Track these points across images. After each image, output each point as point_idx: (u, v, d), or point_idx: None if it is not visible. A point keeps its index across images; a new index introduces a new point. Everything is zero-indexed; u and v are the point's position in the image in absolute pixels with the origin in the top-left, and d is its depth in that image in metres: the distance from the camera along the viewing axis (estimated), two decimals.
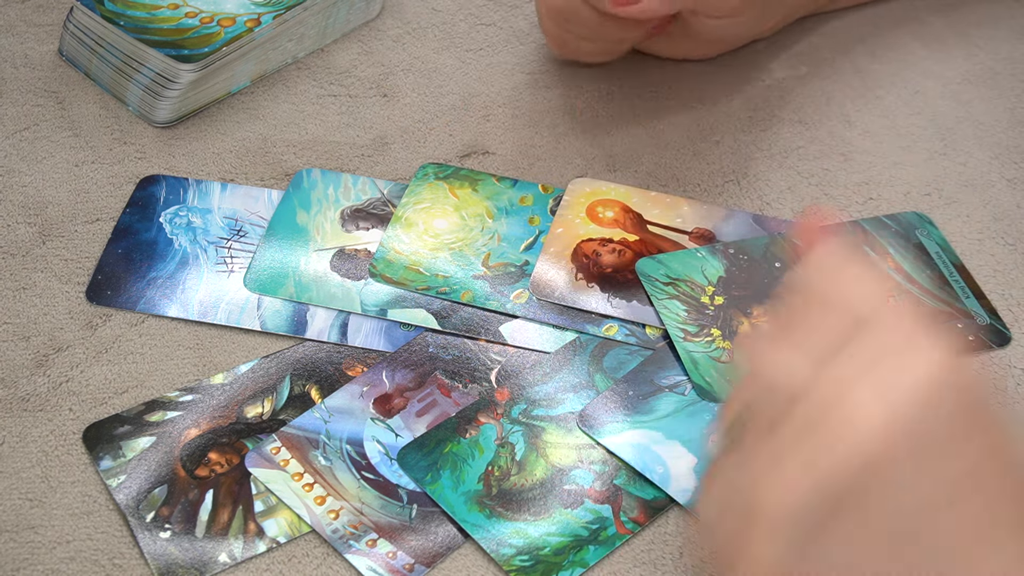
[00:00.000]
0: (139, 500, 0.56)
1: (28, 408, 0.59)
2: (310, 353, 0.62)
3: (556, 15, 0.68)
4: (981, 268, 0.66)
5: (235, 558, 0.55)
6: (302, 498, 0.56)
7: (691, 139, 0.72)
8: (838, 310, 0.43)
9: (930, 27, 0.78)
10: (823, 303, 0.43)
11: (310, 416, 0.59)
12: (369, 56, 0.75)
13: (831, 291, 0.43)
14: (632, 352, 0.62)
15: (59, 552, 0.55)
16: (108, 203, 0.67)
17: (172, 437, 0.58)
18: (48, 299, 0.63)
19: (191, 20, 0.71)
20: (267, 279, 0.64)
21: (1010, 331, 0.63)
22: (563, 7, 0.67)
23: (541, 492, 0.57)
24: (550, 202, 0.68)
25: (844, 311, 0.43)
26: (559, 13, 0.68)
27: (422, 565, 0.55)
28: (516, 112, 0.73)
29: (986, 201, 0.69)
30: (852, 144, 0.72)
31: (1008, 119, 0.73)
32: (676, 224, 0.67)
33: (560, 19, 0.68)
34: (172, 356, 0.61)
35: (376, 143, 0.71)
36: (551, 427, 0.59)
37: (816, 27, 0.78)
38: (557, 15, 0.68)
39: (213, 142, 0.70)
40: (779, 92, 0.74)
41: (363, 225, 0.66)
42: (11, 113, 0.71)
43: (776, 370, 0.43)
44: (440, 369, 0.61)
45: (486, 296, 0.63)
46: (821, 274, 0.44)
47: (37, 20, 0.76)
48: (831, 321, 0.43)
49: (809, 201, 0.69)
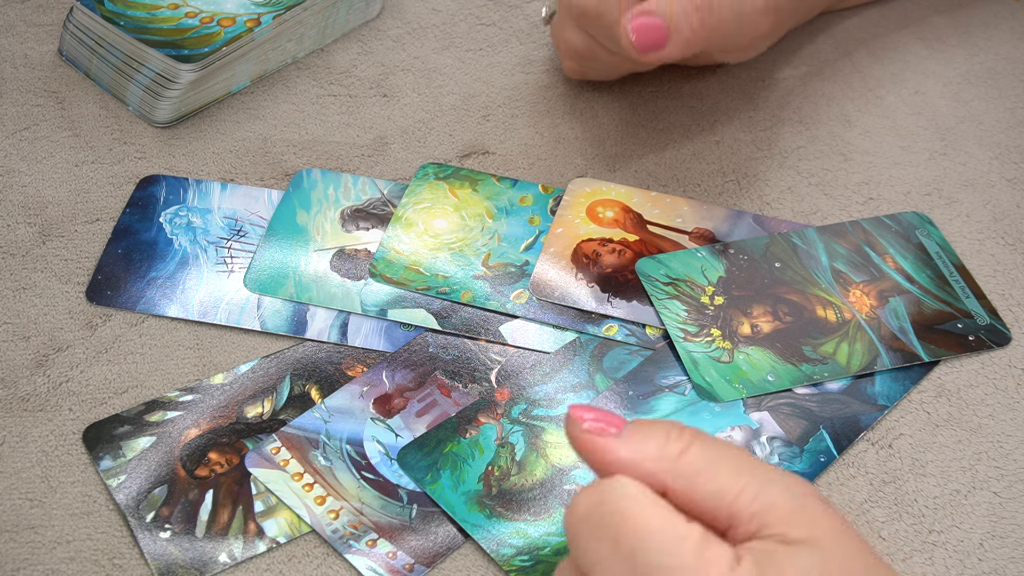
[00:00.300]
0: (139, 500, 0.56)
1: (28, 408, 0.59)
2: (310, 353, 0.62)
3: (575, 56, 0.69)
4: (981, 268, 0.66)
5: (235, 558, 0.55)
6: (302, 498, 0.56)
7: (691, 139, 0.72)
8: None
9: (931, 27, 0.78)
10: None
11: (310, 416, 0.59)
12: (369, 56, 0.75)
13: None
14: (632, 352, 0.62)
15: (59, 552, 0.55)
16: (108, 203, 0.67)
17: (172, 437, 0.58)
18: (48, 299, 0.63)
19: (191, 20, 0.71)
20: (267, 279, 0.64)
21: (1010, 331, 0.63)
22: (583, 51, 0.68)
23: (541, 492, 0.57)
24: (550, 202, 0.68)
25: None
26: (578, 54, 0.69)
27: (422, 565, 0.55)
28: (516, 112, 0.73)
29: (986, 201, 0.69)
30: (852, 144, 0.72)
31: (1008, 119, 0.73)
32: (676, 224, 0.67)
33: (579, 59, 0.69)
34: (172, 356, 0.61)
35: (376, 143, 0.71)
36: (551, 427, 0.59)
37: (816, 27, 0.78)
38: (576, 55, 0.69)
39: (213, 142, 0.70)
40: (779, 92, 0.74)
41: (363, 225, 0.66)
42: (11, 113, 0.71)
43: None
44: (440, 369, 0.61)
45: (486, 296, 0.63)
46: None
47: (37, 20, 0.76)
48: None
49: (809, 201, 0.69)
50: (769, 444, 0.59)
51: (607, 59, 0.68)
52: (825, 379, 0.61)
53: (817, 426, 0.59)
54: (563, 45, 0.69)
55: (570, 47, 0.69)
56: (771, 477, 0.45)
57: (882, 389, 0.61)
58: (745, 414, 0.59)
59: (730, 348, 0.61)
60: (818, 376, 0.61)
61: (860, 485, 0.58)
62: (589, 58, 0.68)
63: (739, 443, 0.58)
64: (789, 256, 0.65)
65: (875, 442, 0.59)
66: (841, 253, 0.65)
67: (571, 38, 0.68)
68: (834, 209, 0.68)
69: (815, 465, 0.58)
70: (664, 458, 0.45)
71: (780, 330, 0.62)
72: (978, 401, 0.61)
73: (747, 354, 0.61)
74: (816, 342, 0.62)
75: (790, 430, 0.59)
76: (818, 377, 0.61)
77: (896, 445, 0.59)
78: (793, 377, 0.61)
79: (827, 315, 0.63)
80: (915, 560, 0.56)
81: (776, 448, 0.58)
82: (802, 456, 0.58)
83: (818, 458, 0.58)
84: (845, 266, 0.65)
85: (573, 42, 0.68)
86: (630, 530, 0.43)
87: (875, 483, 0.58)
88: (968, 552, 0.56)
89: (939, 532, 0.56)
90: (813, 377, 0.61)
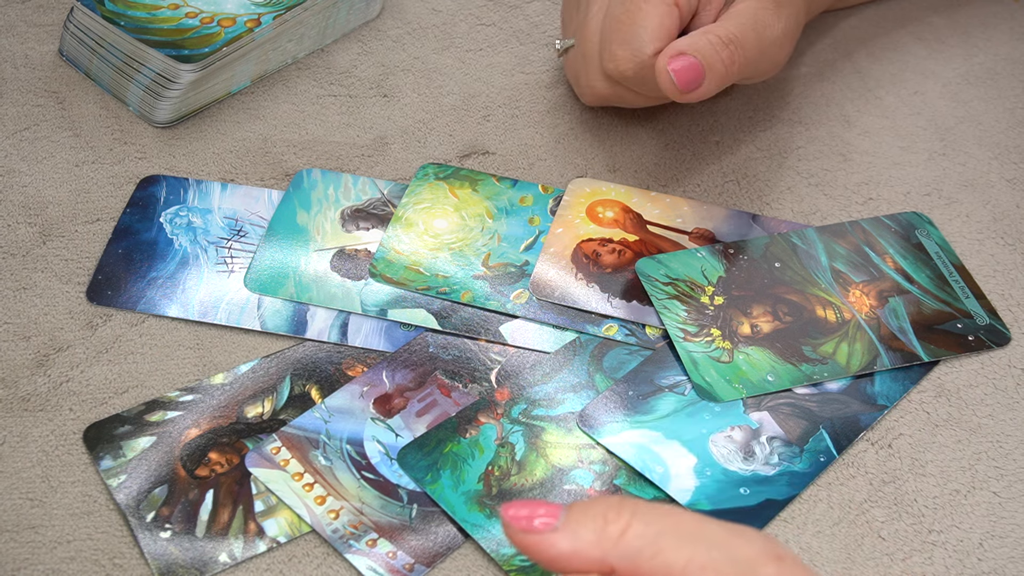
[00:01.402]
0: (139, 500, 0.56)
1: (28, 408, 0.59)
2: (310, 353, 0.62)
3: (600, 102, 0.69)
4: (981, 268, 0.66)
5: (235, 558, 0.55)
6: (302, 498, 0.56)
7: (691, 139, 0.72)
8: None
9: (930, 27, 0.78)
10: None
11: (310, 416, 0.59)
12: (369, 56, 0.75)
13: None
14: (632, 352, 0.62)
15: (59, 552, 0.55)
16: (108, 203, 0.67)
17: (172, 437, 0.58)
18: (48, 299, 0.63)
19: (191, 20, 0.71)
20: (267, 279, 0.64)
21: (1010, 331, 0.63)
22: (609, 96, 0.68)
23: (541, 492, 0.57)
24: (550, 202, 0.68)
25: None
26: (604, 100, 0.69)
27: (422, 565, 0.55)
28: (516, 112, 0.73)
29: (986, 201, 0.69)
30: (852, 144, 0.72)
31: (1008, 119, 0.73)
32: (676, 224, 0.67)
33: (602, 100, 0.69)
34: (172, 356, 0.62)
35: (376, 143, 0.71)
36: (551, 427, 0.59)
37: (816, 27, 0.78)
38: (601, 101, 0.69)
39: (213, 142, 0.70)
40: (779, 92, 0.74)
41: (363, 225, 0.66)
42: (11, 113, 0.71)
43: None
44: (440, 369, 0.61)
45: (486, 296, 0.63)
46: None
47: (37, 20, 0.76)
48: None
49: (809, 201, 0.69)
50: (769, 444, 0.59)
51: (632, 99, 0.68)
52: (825, 379, 0.61)
53: (817, 426, 0.59)
54: (587, 89, 0.68)
55: (595, 92, 0.68)
56: (717, 542, 0.44)
57: (882, 389, 0.61)
58: (745, 414, 0.59)
59: (730, 348, 0.61)
60: (818, 376, 0.61)
61: (860, 485, 0.58)
62: (614, 100, 0.68)
63: (739, 443, 0.58)
64: (789, 256, 0.65)
65: (875, 442, 0.59)
66: (841, 253, 0.66)
67: (596, 85, 0.67)
68: (834, 209, 0.68)
69: (815, 465, 0.58)
70: (604, 541, 0.44)
71: (780, 330, 0.62)
72: (978, 401, 0.61)
73: (747, 354, 0.61)
74: (816, 342, 0.62)
75: (790, 430, 0.59)
76: (818, 377, 0.61)
77: (896, 445, 0.59)
78: (793, 377, 0.61)
79: (827, 315, 0.63)
80: (915, 560, 0.56)
81: (776, 448, 0.58)
82: (802, 456, 0.58)
83: (818, 458, 0.58)
84: (845, 266, 0.65)
85: (598, 89, 0.68)
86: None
87: (875, 483, 0.58)
88: (968, 552, 0.56)
89: (939, 532, 0.57)
90: (813, 377, 0.61)
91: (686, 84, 0.62)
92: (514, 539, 0.45)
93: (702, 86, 0.62)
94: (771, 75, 0.68)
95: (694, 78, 0.62)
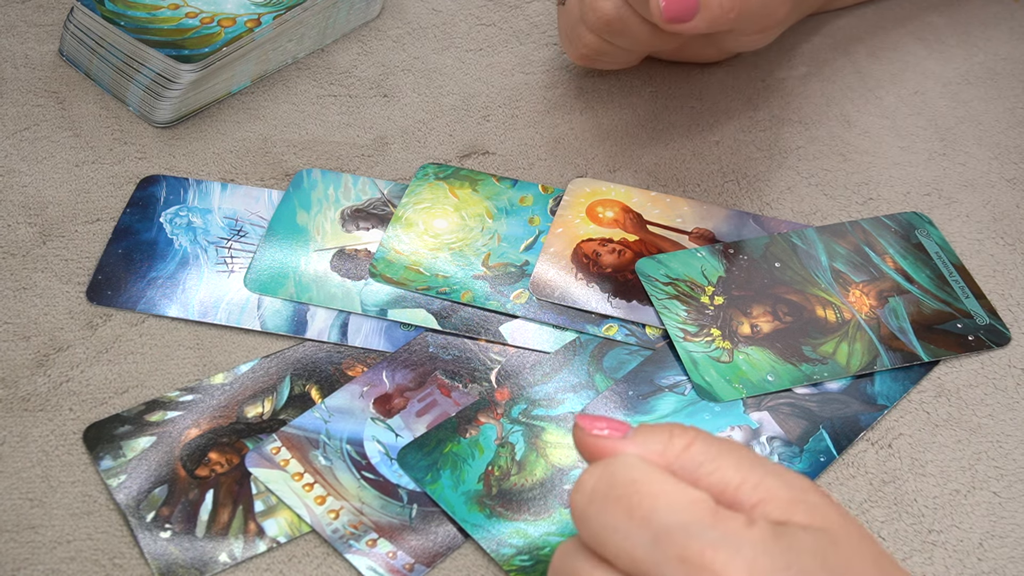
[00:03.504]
0: (139, 500, 0.56)
1: (28, 408, 0.59)
2: (310, 353, 0.62)
3: (603, 28, 0.66)
4: (981, 268, 0.66)
5: (235, 558, 0.55)
6: (302, 498, 0.56)
7: (691, 139, 0.72)
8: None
9: (930, 27, 0.78)
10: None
11: (310, 416, 0.59)
12: (369, 56, 0.75)
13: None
14: (632, 352, 0.62)
15: (59, 552, 0.55)
16: (108, 203, 0.67)
17: (172, 437, 0.58)
18: (48, 299, 0.63)
19: (191, 20, 0.71)
20: (267, 279, 0.64)
21: (1010, 331, 0.63)
22: (613, 19, 0.65)
23: (541, 492, 0.57)
24: (550, 202, 0.68)
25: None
26: (607, 25, 0.66)
27: (422, 565, 0.55)
28: (516, 112, 0.73)
29: (986, 201, 0.69)
30: (852, 144, 0.72)
31: (1008, 119, 0.73)
32: (676, 224, 0.67)
33: (606, 31, 0.67)
34: (172, 356, 0.62)
35: (376, 143, 0.71)
36: (551, 427, 0.59)
37: (816, 27, 0.78)
38: (604, 28, 0.66)
39: (213, 142, 0.70)
40: (779, 92, 0.74)
41: (363, 225, 0.66)
42: (11, 113, 0.71)
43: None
44: (440, 369, 0.61)
45: (486, 296, 0.63)
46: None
47: (37, 20, 0.76)
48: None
49: (809, 201, 0.69)
50: (769, 444, 0.59)
51: (636, 31, 0.66)
52: (825, 379, 0.61)
53: (817, 426, 0.59)
54: (591, 15, 0.66)
55: (600, 16, 0.66)
56: (771, 470, 0.46)
57: (882, 389, 0.61)
58: (745, 414, 0.59)
59: (730, 348, 0.61)
60: (818, 376, 0.61)
61: (860, 485, 0.58)
62: (617, 32, 0.66)
63: (739, 443, 0.58)
64: (789, 256, 0.65)
65: (875, 442, 0.59)
66: (841, 253, 0.66)
67: (603, 5, 0.65)
68: (834, 209, 0.68)
69: (815, 465, 0.58)
70: (668, 451, 0.46)
71: (780, 330, 0.62)
72: (978, 401, 0.61)
73: (747, 354, 0.61)
74: (816, 342, 0.62)
75: (790, 430, 0.59)
76: (818, 377, 0.61)
77: (896, 445, 0.59)
78: (793, 377, 0.61)
79: (827, 315, 0.63)
80: (915, 560, 0.56)
81: (776, 448, 0.58)
82: (802, 456, 0.58)
83: (818, 458, 0.58)
84: (845, 266, 0.65)
85: (604, 10, 0.65)
86: (644, 495, 0.44)
87: (875, 483, 0.58)
88: (968, 552, 0.56)
89: (939, 532, 0.57)
90: (813, 377, 0.61)
91: (672, 15, 0.61)
92: (584, 443, 0.48)
93: (693, 19, 0.61)
94: (766, 39, 0.67)
95: (685, 10, 0.61)
